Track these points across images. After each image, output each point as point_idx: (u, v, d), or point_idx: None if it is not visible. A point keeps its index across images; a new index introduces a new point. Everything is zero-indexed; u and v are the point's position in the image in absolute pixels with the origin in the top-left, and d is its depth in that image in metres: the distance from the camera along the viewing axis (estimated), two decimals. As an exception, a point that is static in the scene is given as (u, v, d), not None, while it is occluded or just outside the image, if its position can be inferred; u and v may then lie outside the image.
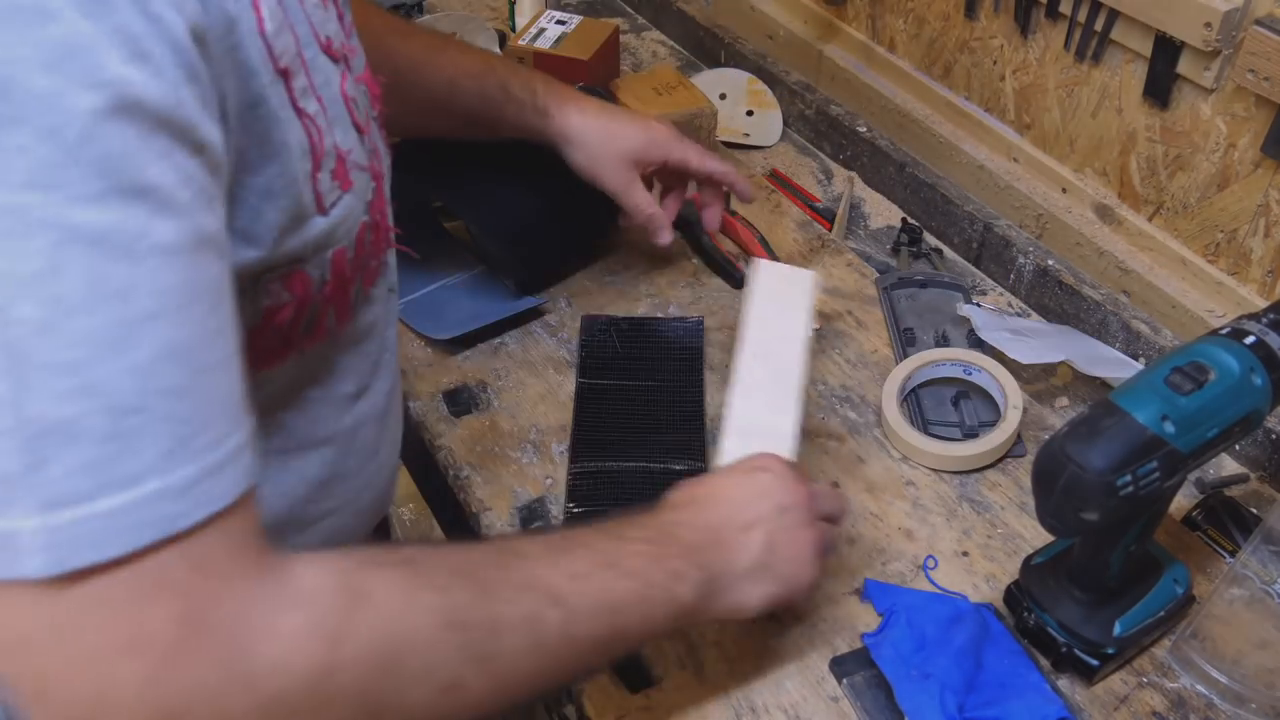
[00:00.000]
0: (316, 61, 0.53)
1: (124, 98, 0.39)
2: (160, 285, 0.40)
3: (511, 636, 0.51)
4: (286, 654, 0.44)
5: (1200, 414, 0.65)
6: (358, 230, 0.58)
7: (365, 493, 0.72)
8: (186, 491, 0.41)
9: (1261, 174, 0.87)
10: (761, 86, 1.32)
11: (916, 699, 0.70)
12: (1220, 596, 0.77)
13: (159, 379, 0.40)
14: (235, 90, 0.46)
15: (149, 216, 0.40)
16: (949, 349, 0.98)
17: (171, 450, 0.40)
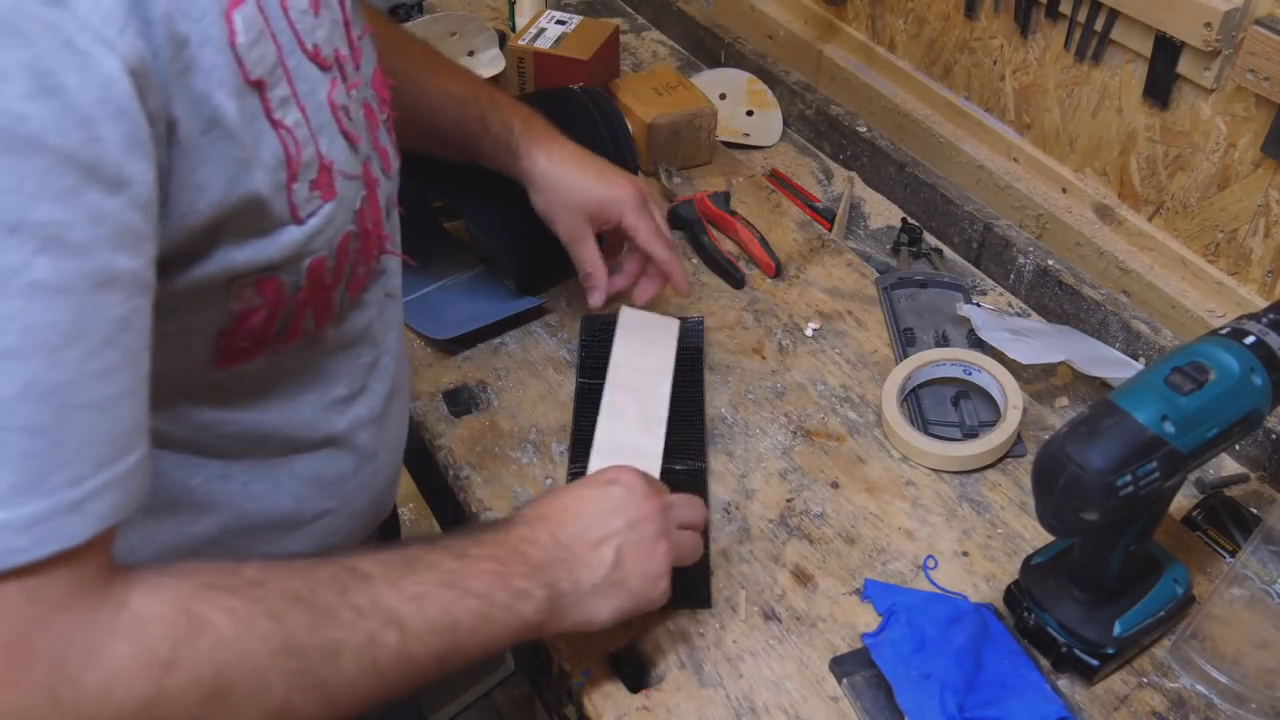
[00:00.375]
0: (300, 69, 0.53)
1: (19, 135, 0.38)
2: (32, 323, 0.40)
3: (347, 661, 0.52)
4: (113, 683, 0.44)
5: (1200, 414, 0.65)
6: (340, 239, 0.58)
7: (362, 495, 0.72)
8: (31, 527, 0.41)
9: (1261, 174, 0.87)
10: (761, 86, 1.32)
11: (916, 699, 0.70)
12: (1220, 596, 0.77)
13: (17, 415, 0.40)
14: (188, 115, 0.46)
15: (31, 254, 0.39)
16: (949, 349, 0.98)
17: (21, 486, 0.40)
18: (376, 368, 0.69)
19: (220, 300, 0.54)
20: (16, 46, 0.38)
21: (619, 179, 0.93)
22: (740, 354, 1.00)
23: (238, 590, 0.49)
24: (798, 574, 0.81)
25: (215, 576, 0.50)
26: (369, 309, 0.66)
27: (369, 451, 0.71)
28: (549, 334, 1.02)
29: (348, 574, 0.54)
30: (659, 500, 0.69)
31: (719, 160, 1.25)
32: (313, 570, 0.53)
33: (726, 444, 0.92)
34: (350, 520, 0.72)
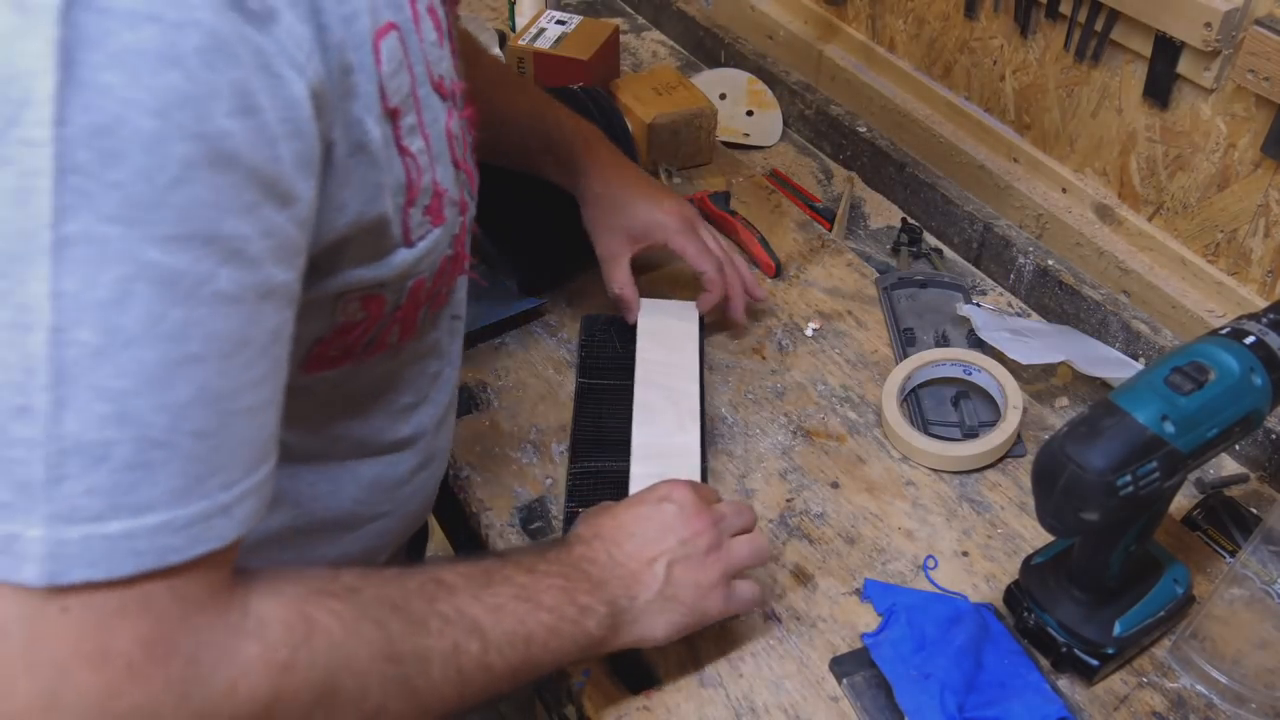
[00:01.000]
0: (428, 100, 0.55)
1: (221, 151, 0.40)
2: (212, 331, 0.42)
3: (436, 667, 0.54)
4: (239, 682, 0.45)
5: (1200, 414, 0.65)
6: (440, 262, 0.61)
7: (415, 499, 0.75)
8: (187, 529, 0.42)
9: (1261, 174, 0.87)
10: (761, 86, 1.32)
11: (916, 699, 0.70)
12: (1220, 596, 0.77)
13: (190, 420, 0.42)
14: (343, 137, 0.48)
15: (217, 264, 0.41)
16: (949, 349, 0.98)
17: (184, 488, 0.42)
18: (439, 378, 0.72)
19: (327, 312, 0.56)
20: (229, 67, 0.40)
21: (667, 203, 0.96)
22: (740, 354, 1.00)
23: (341, 596, 0.51)
24: (798, 574, 0.81)
25: (320, 581, 0.51)
26: (441, 325, 0.70)
27: (425, 458, 0.73)
28: (549, 334, 1.02)
29: (434, 584, 0.56)
30: (710, 514, 0.71)
31: (719, 160, 1.25)
32: (403, 579, 0.55)
33: (726, 444, 0.92)
34: (400, 523, 0.75)
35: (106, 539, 0.40)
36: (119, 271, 0.39)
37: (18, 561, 0.39)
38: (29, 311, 0.38)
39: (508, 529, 0.85)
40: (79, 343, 0.39)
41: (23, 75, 0.37)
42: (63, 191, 0.38)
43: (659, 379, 0.91)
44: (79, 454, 0.39)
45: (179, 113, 0.39)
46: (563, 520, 0.84)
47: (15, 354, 0.38)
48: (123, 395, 0.40)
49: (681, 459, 0.84)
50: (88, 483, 0.40)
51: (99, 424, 0.40)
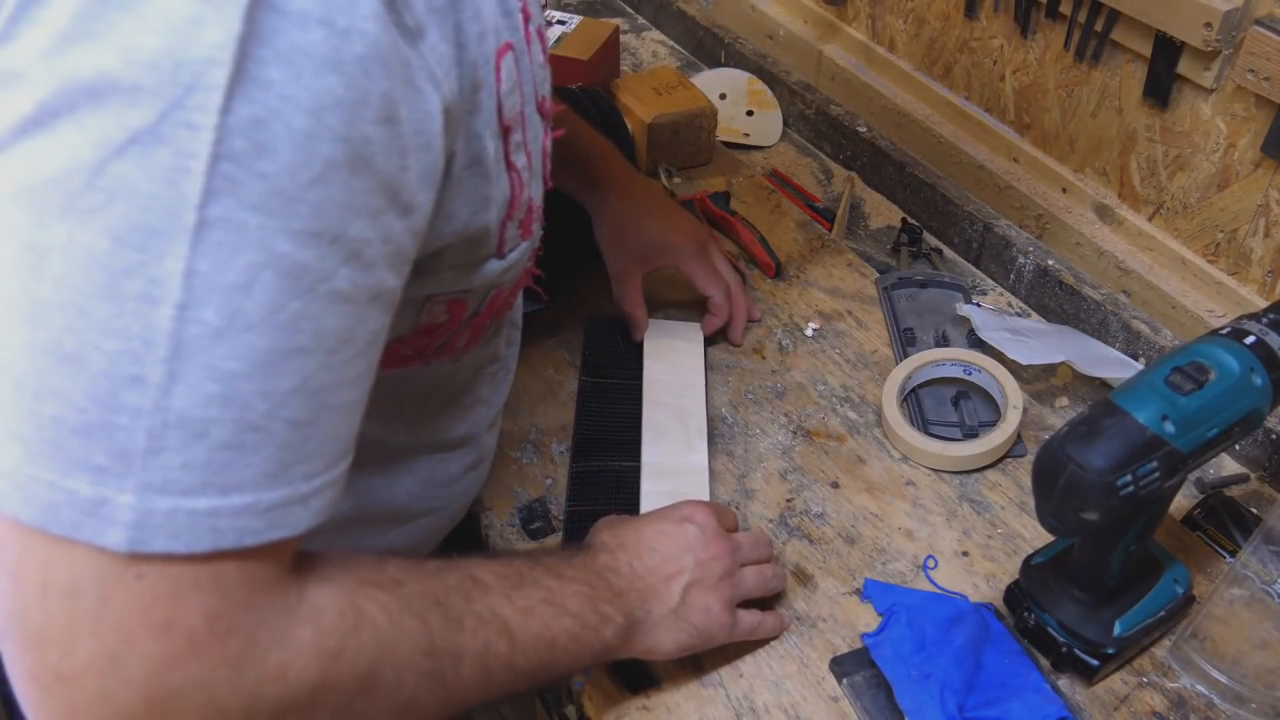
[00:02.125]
0: (532, 118, 0.57)
1: (361, 156, 0.42)
2: (323, 327, 0.43)
3: (467, 664, 0.55)
4: (290, 665, 0.46)
5: (1200, 414, 0.65)
6: (520, 274, 0.63)
7: (464, 496, 0.77)
8: (268, 513, 0.44)
9: (1261, 174, 0.87)
10: (761, 86, 1.32)
11: (916, 699, 0.70)
12: (1220, 596, 0.77)
13: (288, 409, 0.43)
14: (463, 150, 0.50)
15: (339, 263, 0.43)
16: (949, 349, 0.98)
17: (272, 473, 0.43)
18: (495, 380, 0.74)
19: (414, 313, 0.58)
20: (382, 77, 0.42)
21: (681, 225, 0.97)
22: (740, 354, 1.00)
23: (388, 588, 0.52)
24: (798, 574, 0.81)
25: (368, 571, 0.52)
26: (503, 331, 0.72)
27: (477, 457, 0.76)
28: (549, 334, 1.02)
29: (471, 582, 0.57)
30: (728, 541, 0.72)
31: (719, 160, 1.25)
32: (443, 575, 0.56)
33: (726, 444, 0.92)
34: (447, 520, 0.77)
35: (192, 514, 0.41)
36: (251, 259, 0.40)
37: (104, 525, 0.40)
38: (160, 285, 0.39)
39: (508, 529, 0.85)
40: (201, 321, 0.40)
41: (196, 62, 0.38)
42: (214, 176, 0.39)
43: (666, 399, 0.92)
44: (181, 428, 0.40)
45: (331, 115, 0.40)
46: (563, 520, 0.84)
47: (139, 324, 0.39)
48: (232, 377, 0.41)
49: (690, 477, 0.86)
50: (184, 457, 0.41)
51: (205, 402, 0.41)
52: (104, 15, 0.38)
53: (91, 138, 0.38)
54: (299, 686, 0.46)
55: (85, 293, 0.39)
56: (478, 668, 0.55)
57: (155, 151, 0.38)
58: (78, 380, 0.40)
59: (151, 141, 0.38)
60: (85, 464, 0.40)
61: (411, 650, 0.52)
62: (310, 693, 0.47)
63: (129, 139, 0.38)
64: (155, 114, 0.38)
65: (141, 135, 0.38)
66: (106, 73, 0.38)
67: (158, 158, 0.38)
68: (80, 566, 0.41)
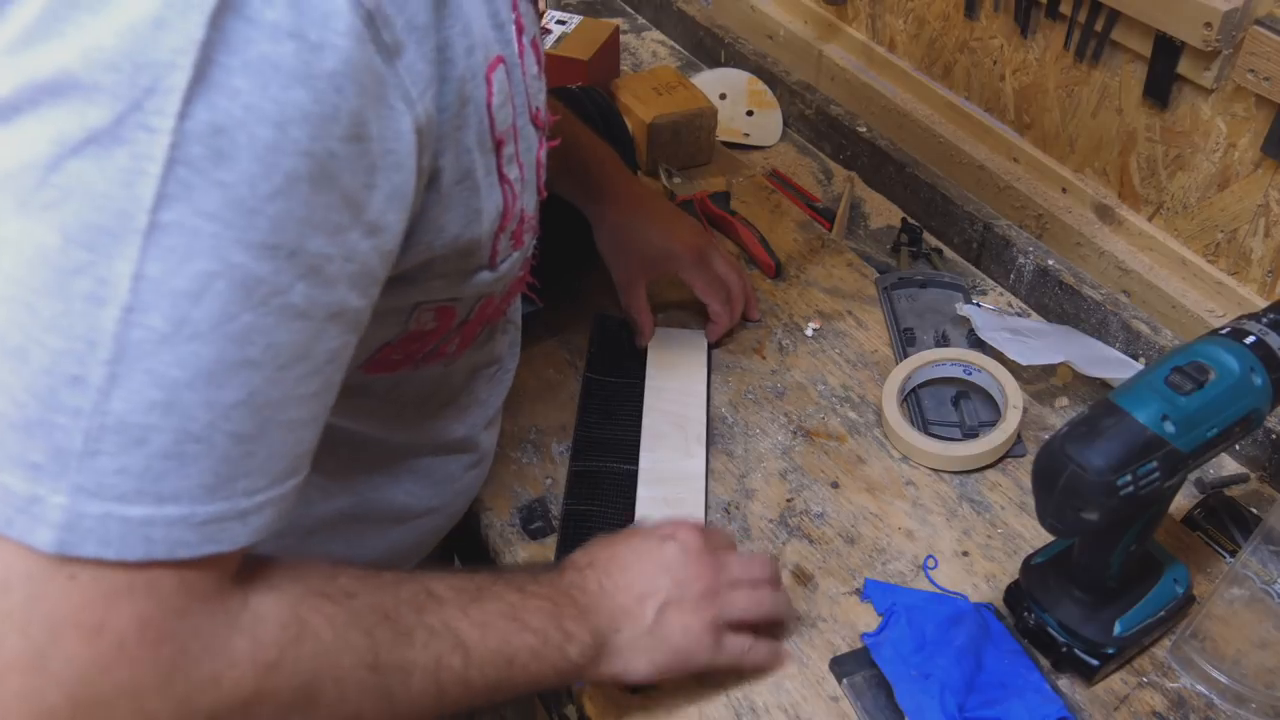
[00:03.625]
0: (525, 130, 0.57)
1: (325, 171, 0.42)
2: (274, 341, 0.43)
3: (417, 679, 0.54)
4: (224, 675, 0.45)
5: (1200, 414, 0.65)
6: (512, 283, 0.63)
7: (464, 495, 0.78)
8: (204, 526, 0.43)
9: (1261, 174, 0.87)
10: (761, 86, 1.32)
11: (916, 699, 0.70)
12: (1220, 596, 0.77)
13: (232, 422, 0.42)
14: (451, 165, 0.50)
15: (295, 278, 0.42)
16: (949, 349, 0.98)
17: (210, 486, 0.43)
18: (494, 381, 0.74)
19: (402, 320, 0.58)
20: (351, 94, 0.41)
21: (682, 233, 0.97)
22: (740, 354, 1.00)
23: (336, 599, 0.51)
24: (798, 574, 0.81)
25: (319, 582, 0.51)
26: (498, 334, 0.72)
27: (477, 457, 0.75)
28: (549, 334, 1.02)
29: (425, 595, 0.56)
30: (713, 560, 0.70)
31: (719, 160, 1.25)
32: (397, 588, 0.55)
33: (726, 444, 0.92)
34: (447, 520, 0.77)
35: (125, 521, 0.41)
36: (203, 266, 0.40)
37: (34, 523, 0.40)
38: (108, 286, 0.39)
39: (508, 529, 0.85)
40: (147, 326, 0.39)
41: (156, 65, 0.38)
42: (168, 180, 0.39)
43: (667, 406, 0.92)
44: (120, 433, 0.40)
45: (297, 129, 0.40)
46: (560, 520, 0.84)
47: (84, 325, 0.39)
48: (175, 385, 0.40)
49: (687, 484, 0.86)
50: (121, 462, 0.40)
51: (146, 408, 0.40)
52: (70, 15, 0.38)
53: (50, 134, 0.38)
54: (233, 697, 0.46)
55: (33, 288, 0.39)
56: (428, 683, 0.54)
57: (112, 152, 0.38)
58: (19, 375, 0.39)
59: (109, 142, 0.38)
60: (21, 460, 0.40)
61: (355, 664, 0.51)
62: (244, 703, 0.46)
63: (86, 138, 0.38)
64: (113, 115, 0.38)
65: (99, 135, 0.38)
66: (68, 71, 0.38)
67: (114, 158, 0.38)
68: (10, 562, 0.40)
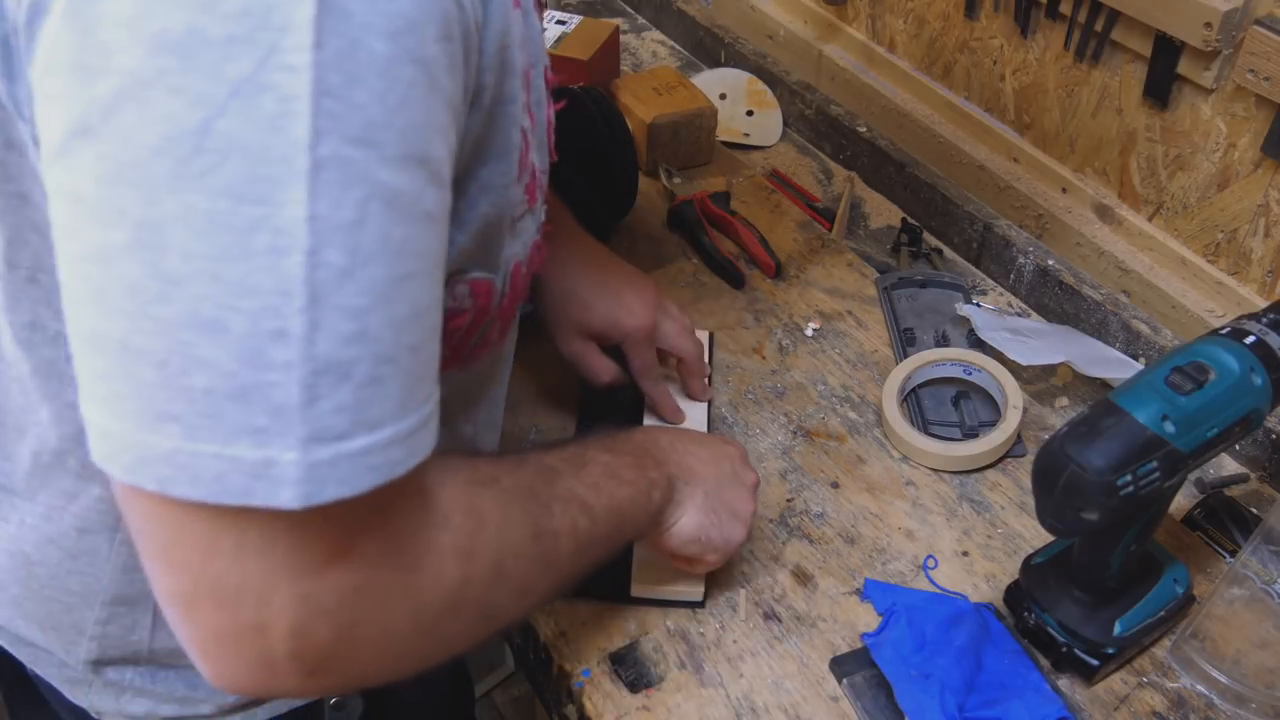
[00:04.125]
0: (537, 82, 0.57)
1: (431, 75, 0.42)
2: (422, 249, 0.44)
3: (564, 543, 0.58)
4: (439, 568, 0.49)
5: (1200, 414, 0.65)
6: (531, 247, 0.63)
7: None
8: (408, 439, 0.44)
9: (1261, 174, 0.87)
10: (761, 86, 1.32)
11: (916, 699, 0.70)
12: (1220, 596, 0.77)
13: (408, 334, 0.44)
14: (494, 84, 0.50)
15: (425, 184, 0.43)
16: (949, 349, 0.98)
17: (403, 401, 0.44)
18: (496, 373, 0.75)
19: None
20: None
21: (631, 305, 0.87)
22: (740, 354, 1.00)
23: (489, 485, 0.55)
24: (798, 574, 0.82)
25: (469, 471, 0.54)
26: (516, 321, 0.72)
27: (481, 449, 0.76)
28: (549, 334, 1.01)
29: (547, 470, 0.60)
30: (755, 475, 0.77)
31: (719, 160, 1.25)
32: (525, 467, 0.59)
33: (726, 444, 0.92)
34: None
35: (352, 456, 0.42)
36: (360, 192, 0.40)
37: (275, 486, 0.41)
38: (286, 235, 0.39)
39: (508, 529, 0.85)
40: (328, 264, 0.40)
41: (285, 3, 0.38)
42: (318, 115, 0.39)
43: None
44: (329, 373, 0.41)
45: (406, 37, 0.40)
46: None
47: (272, 279, 0.39)
48: (363, 313, 0.41)
49: None
50: (336, 401, 0.41)
51: (345, 342, 0.41)
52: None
53: (188, 100, 0.38)
54: (449, 588, 0.49)
55: (213, 257, 0.39)
56: (571, 544, 0.59)
57: (258, 101, 0.38)
58: (222, 345, 0.39)
59: (253, 91, 0.38)
60: (245, 428, 0.40)
61: (523, 538, 0.55)
62: (457, 590, 0.50)
63: (230, 93, 0.38)
64: (254, 62, 0.38)
65: (241, 87, 0.38)
66: (196, 28, 0.37)
67: (262, 107, 0.38)
68: (263, 528, 0.42)
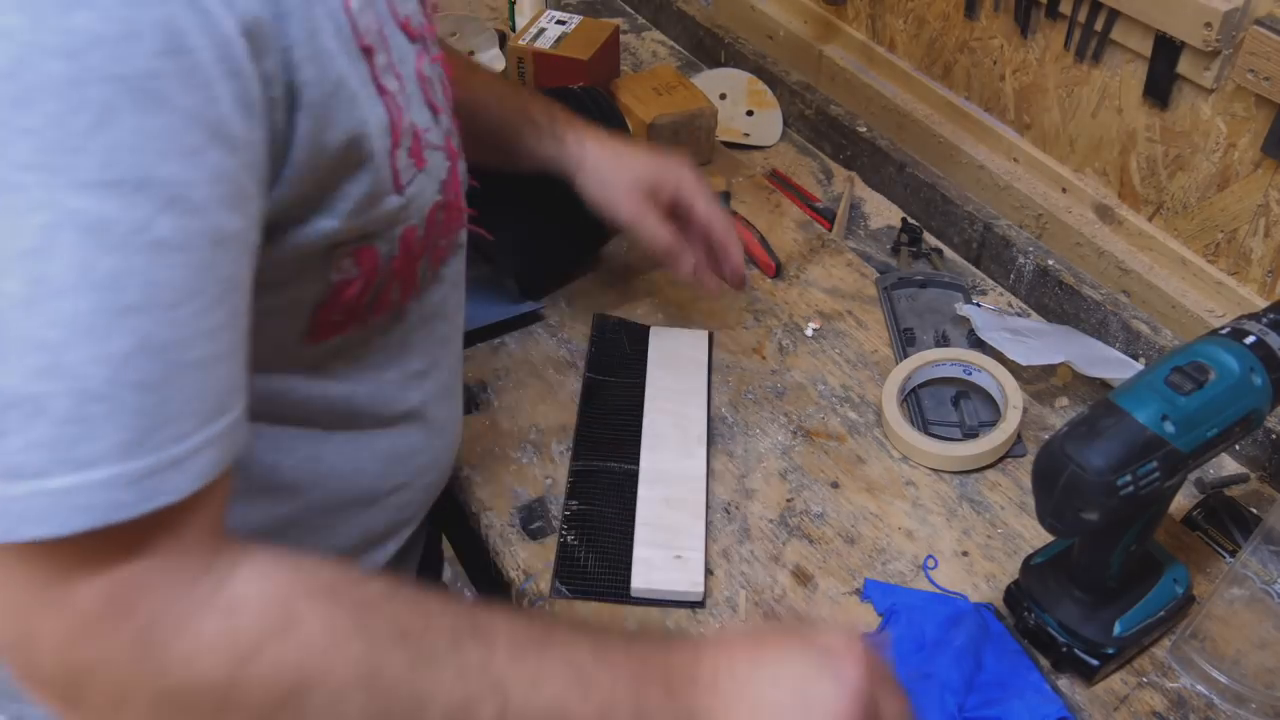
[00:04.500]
0: (394, 39, 0.54)
1: (149, 92, 0.39)
2: (153, 280, 0.41)
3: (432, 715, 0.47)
4: (197, 656, 0.44)
5: (1200, 414, 0.65)
6: (429, 209, 0.60)
7: (431, 469, 0.74)
8: (138, 483, 0.41)
9: (1261, 174, 0.87)
10: (761, 86, 1.32)
11: (916, 699, 0.70)
12: (1220, 596, 0.77)
13: (131, 371, 0.40)
14: (316, 76, 0.47)
15: (155, 211, 0.40)
16: (949, 349, 0.98)
17: (131, 441, 0.41)
18: (448, 343, 0.71)
19: (321, 271, 0.55)
20: (151, 5, 0.39)
21: (668, 154, 0.92)
22: (740, 354, 1.00)
23: (345, 605, 0.47)
24: (798, 574, 0.81)
25: (330, 580, 0.48)
26: (445, 284, 0.68)
27: (439, 425, 0.72)
28: (549, 334, 1.02)
29: (471, 629, 0.49)
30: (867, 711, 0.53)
31: (719, 160, 1.25)
32: (435, 614, 0.49)
33: (726, 444, 0.92)
34: (421, 494, 0.74)
35: (51, 495, 0.40)
36: (41, 219, 0.38)
37: None
38: None
39: (508, 529, 0.85)
40: (5, 294, 0.38)
41: None
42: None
43: (668, 405, 0.92)
44: (15, 408, 0.39)
45: (92, 54, 0.38)
46: (561, 520, 0.84)
47: None
48: (56, 346, 0.39)
49: (687, 483, 0.86)
50: (27, 438, 0.39)
51: (33, 376, 0.39)
52: None
53: None
54: (207, 681, 0.44)
55: None
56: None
57: None
58: None
59: None
60: None
61: (354, 678, 0.46)
62: (220, 691, 0.44)
63: None
64: None
65: None
66: None
67: None
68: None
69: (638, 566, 0.79)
